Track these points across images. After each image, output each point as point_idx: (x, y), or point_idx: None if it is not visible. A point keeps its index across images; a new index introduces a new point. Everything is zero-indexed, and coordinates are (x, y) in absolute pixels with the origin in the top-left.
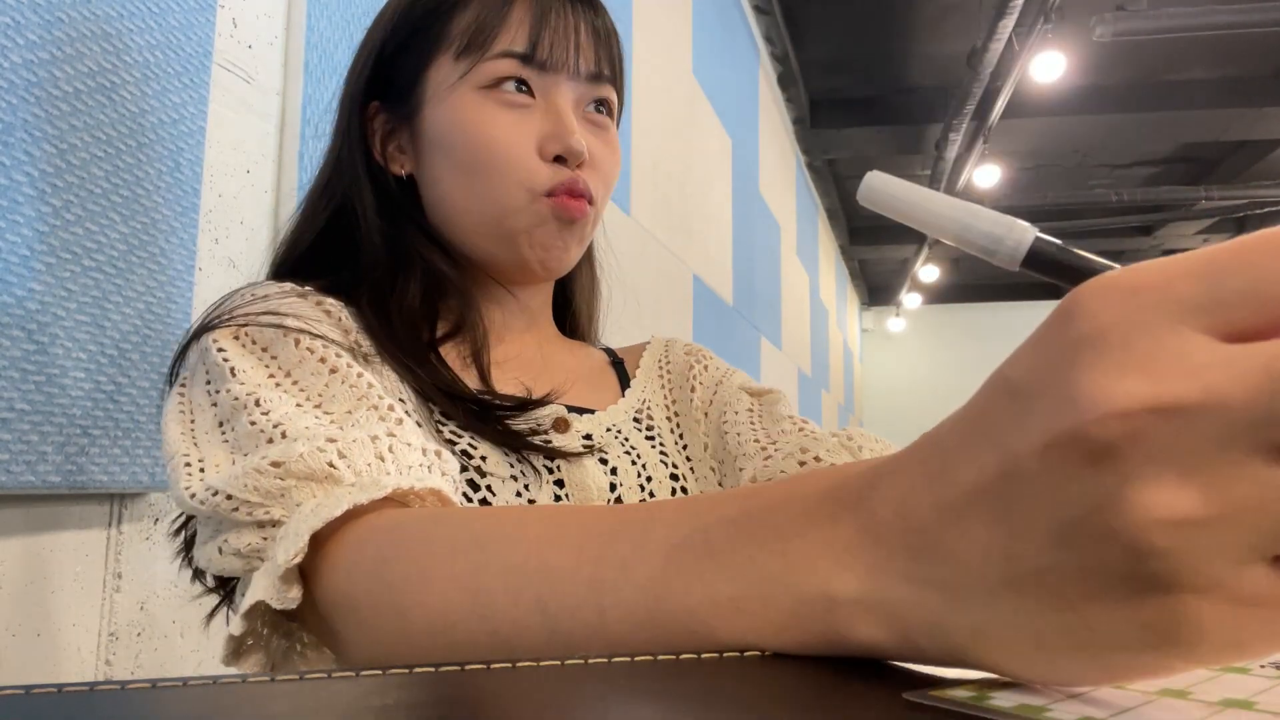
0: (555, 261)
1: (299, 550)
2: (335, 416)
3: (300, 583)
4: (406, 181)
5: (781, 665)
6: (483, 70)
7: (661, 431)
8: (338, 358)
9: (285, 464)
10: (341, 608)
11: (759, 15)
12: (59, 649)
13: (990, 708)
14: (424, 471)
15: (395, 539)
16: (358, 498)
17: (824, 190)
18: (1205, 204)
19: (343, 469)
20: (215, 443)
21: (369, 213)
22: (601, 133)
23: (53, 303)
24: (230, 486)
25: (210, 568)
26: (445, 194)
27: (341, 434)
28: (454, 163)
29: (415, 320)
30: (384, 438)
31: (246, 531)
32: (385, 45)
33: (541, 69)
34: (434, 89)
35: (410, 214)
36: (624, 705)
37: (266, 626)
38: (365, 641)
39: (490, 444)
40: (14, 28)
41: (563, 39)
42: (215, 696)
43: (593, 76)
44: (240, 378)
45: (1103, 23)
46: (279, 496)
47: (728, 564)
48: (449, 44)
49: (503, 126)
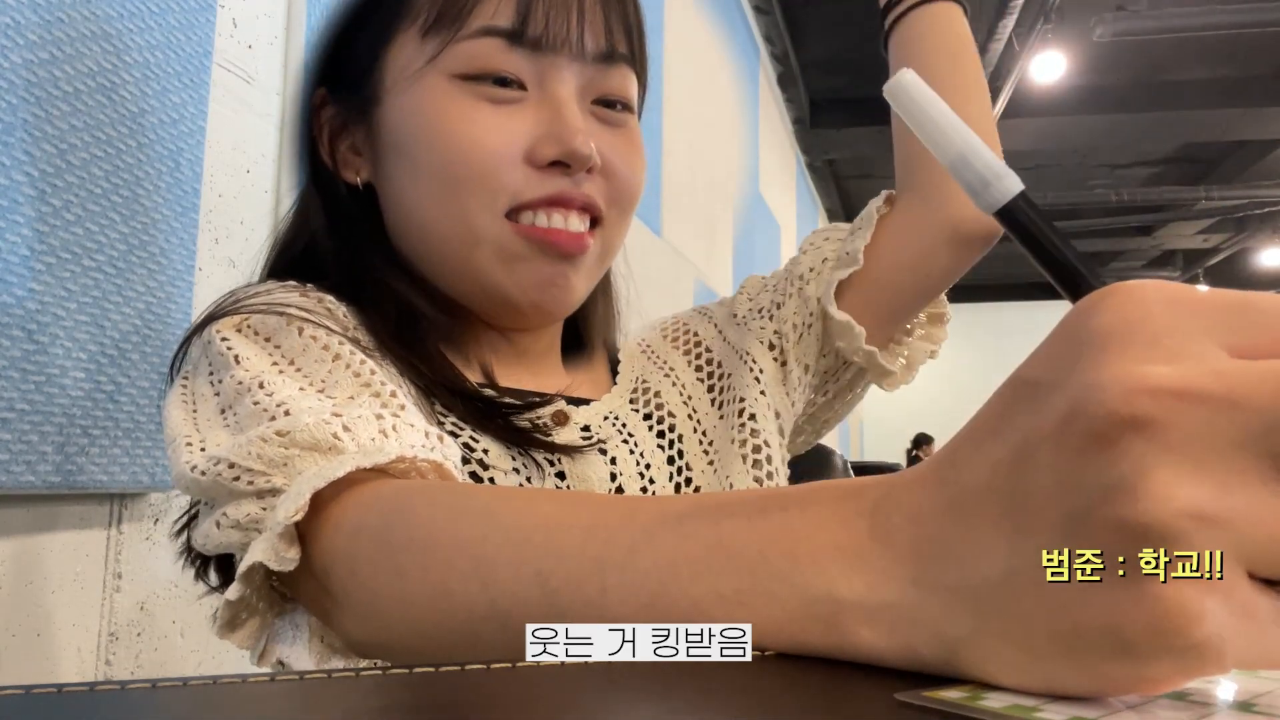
0: (554, 302)
1: (300, 508)
2: (338, 401)
3: (298, 545)
4: (363, 192)
5: (776, 666)
6: (457, 53)
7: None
8: (340, 345)
9: (291, 433)
10: (340, 568)
11: (759, 15)
12: (59, 649)
13: (982, 708)
14: (427, 450)
15: (400, 503)
16: (360, 461)
17: (824, 190)
18: (1205, 204)
19: (347, 440)
20: (217, 426)
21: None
22: (617, 130)
23: (52, 302)
24: (233, 454)
25: (207, 544)
26: (409, 212)
27: (346, 410)
28: (417, 173)
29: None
30: (388, 417)
31: (246, 502)
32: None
33: (535, 49)
34: (395, 74)
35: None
36: (623, 705)
37: (262, 599)
38: (361, 603)
39: (491, 438)
40: (14, 28)
41: (561, 5)
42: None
43: (602, 56)
44: (244, 365)
45: (1103, 23)
46: (282, 465)
47: (736, 558)
48: (414, 15)
49: (482, 126)
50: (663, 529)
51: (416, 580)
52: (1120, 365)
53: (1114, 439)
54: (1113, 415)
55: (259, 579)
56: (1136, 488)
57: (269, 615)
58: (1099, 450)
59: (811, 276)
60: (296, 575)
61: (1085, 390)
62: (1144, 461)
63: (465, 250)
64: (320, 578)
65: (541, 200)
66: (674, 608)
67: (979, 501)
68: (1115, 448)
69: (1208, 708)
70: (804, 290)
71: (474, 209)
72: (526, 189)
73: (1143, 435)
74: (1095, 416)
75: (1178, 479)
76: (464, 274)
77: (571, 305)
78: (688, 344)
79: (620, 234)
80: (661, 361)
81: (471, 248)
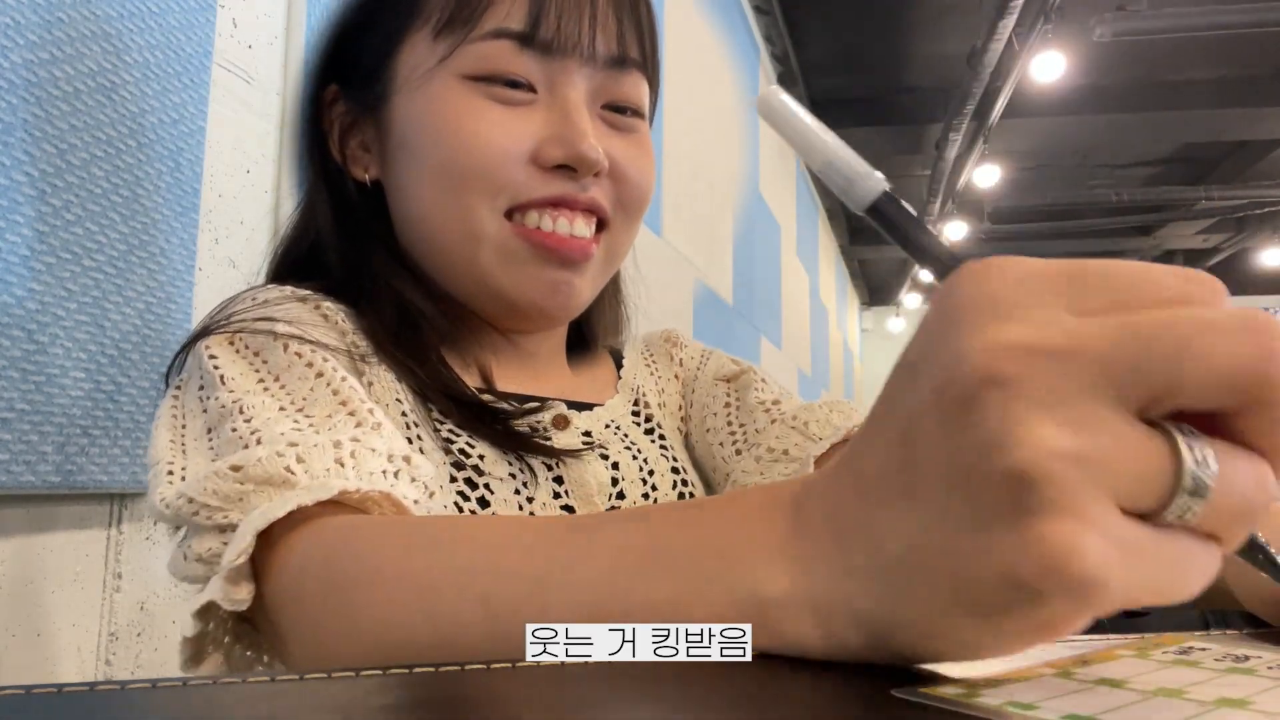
0: (557, 307)
1: (243, 550)
2: (315, 420)
3: (251, 584)
4: (371, 189)
5: (775, 665)
6: (468, 54)
7: (660, 422)
8: (324, 362)
9: (244, 468)
10: (289, 607)
11: (759, 15)
12: (59, 649)
13: (978, 705)
14: (381, 478)
15: (346, 539)
16: (303, 499)
17: (824, 190)
18: (1205, 204)
19: (299, 473)
20: (201, 450)
21: (326, 228)
22: (626, 134)
23: (52, 303)
24: (191, 490)
25: (177, 575)
26: (414, 209)
27: (303, 439)
28: (424, 170)
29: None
30: (347, 443)
31: (208, 536)
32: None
33: (546, 51)
34: (406, 73)
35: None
36: (621, 705)
37: (228, 634)
38: (310, 640)
39: (488, 443)
40: (14, 28)
41: (574, 8)
42: (215, 696)
43: (614, 61)
44: (229, 385)
45: (1103, 23)
46: (237, 500)
47: (669, 565)
48: (427, 16)
49: (490, 124)
50: (598, 542)
51: (362, 615)
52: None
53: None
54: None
55: (219, 615)
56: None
57: (236, 649)
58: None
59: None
60: (253, 612)
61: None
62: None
63: (467, 249)
64: (271, 615)
65: (543, 201)
66: (610, 619)
67: (878, 483)
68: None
69: (1204, 705)
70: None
71: (475, 205)
72: (528, 188)
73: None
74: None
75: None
76: (467, 274)
77: (576, 310)
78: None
79: (628, 238)
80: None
81: (473, 247)
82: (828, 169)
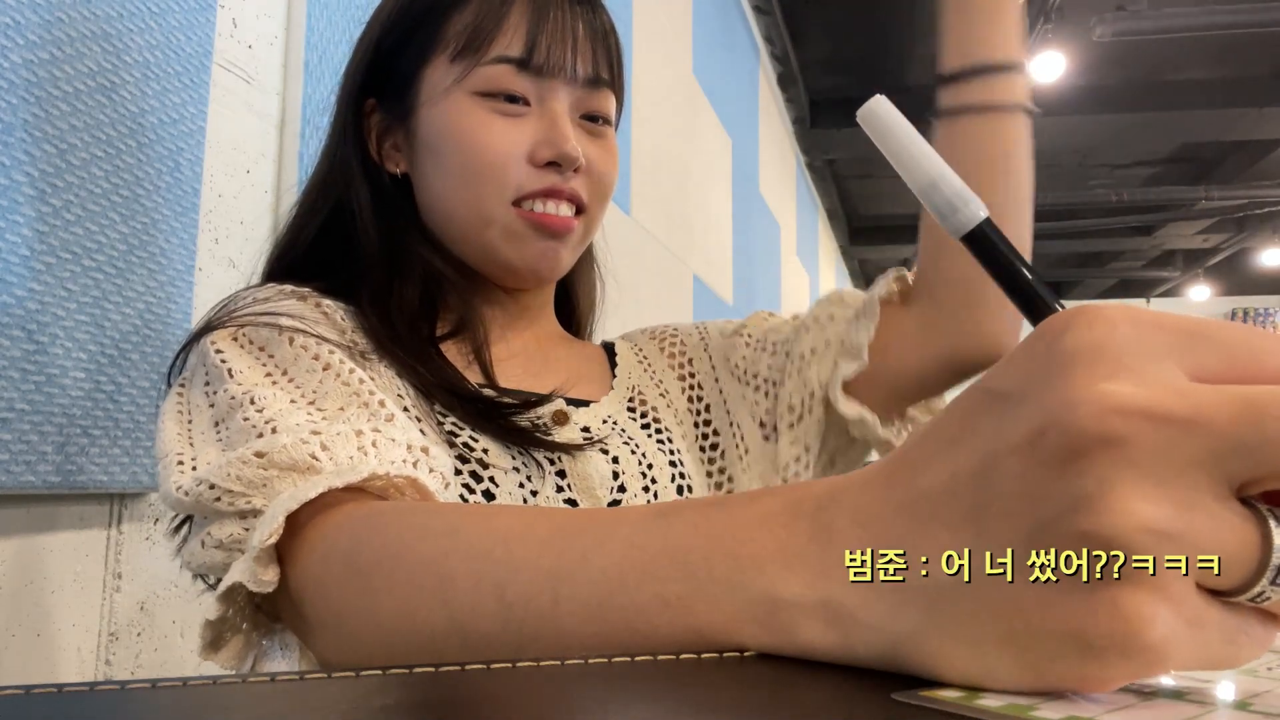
0: (548, 270)
1: (274, 530)
2: (327, 413)
3: (277, 566)
4: (402, 180)
5: (775, 665)
6: (477, 76)
7: (660, 417)
8: (331, 354)
9: (269, 454)
10: (312, 591)
11: (759, 15)
12: (59, 649)
13: (978, 707)
14: (405, 465)
15: (370, 525)
16: (333, 482)
17: (824, 190)
18: (1205, 204)
19: (324, 460)
20: (209, 442)
21: (365, 211)
22: (598, 139)
23: (52, 302)
24: (214, 476)
25: (193, 564)
26: (436, 197)
27: (327, 427)
28: (444, 167)
29: (415, 319)
30: (369, 432)
31: (228, 522)
32: (382, 41)
33: (538, 74)
34: (429, 90)
35: (406, 213)
36: (621, 705)
37: (246, 620)
38: (332, 625)
39: (491, 438)
40: (14, 28)
41: (560, 41)
42: (215, 696)
43: (590, 81)
44: (237, 378)
45: (1103, 23)
46: (261, 486)
47: (682, 563)
48: (445, 45)
49: (495, 132)
50: (614, 537)
51: (383, 601)
52: (1091, 383)
53: (1083, 454)
54: (1085, 432)
55: (240, 599)
56: (1101, 501)
57: (254, 635)
58: (1067, 463)
59: (813, 359)
60: (277, 596)
61: (1058, 406)
62: (1110, 477)
63: (479, 230)
64: (295, 599)
65: (540, 191)
66: (620, 615)
67: (936, 505)
68: (1083, 462)
69: (1205, 706)
70: (804, 372)
71: (486, 197)
72: (528, 182)
73: (1110, 452)
74: (1067, 431)
75: (1140, 495)
76: (478, 248)
77: (561, 271)
78: (681, 365)
79: (599, 218)
80: (656, 378)
81: (484, 228)
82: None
